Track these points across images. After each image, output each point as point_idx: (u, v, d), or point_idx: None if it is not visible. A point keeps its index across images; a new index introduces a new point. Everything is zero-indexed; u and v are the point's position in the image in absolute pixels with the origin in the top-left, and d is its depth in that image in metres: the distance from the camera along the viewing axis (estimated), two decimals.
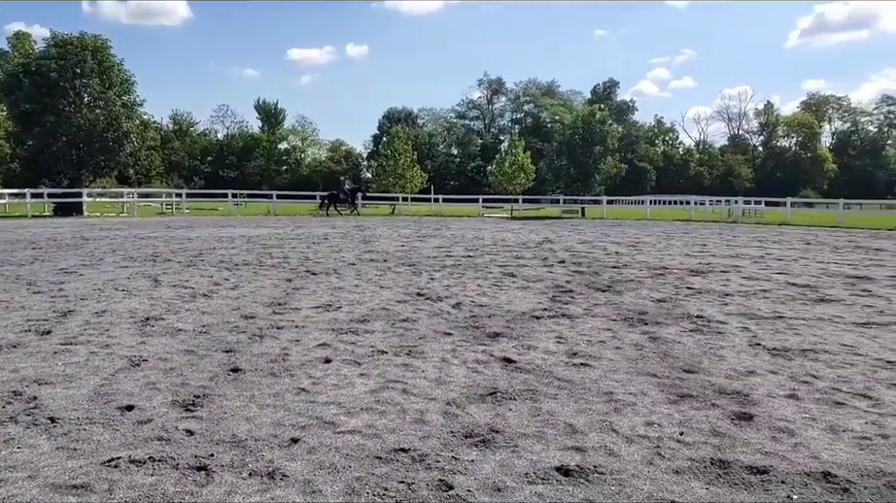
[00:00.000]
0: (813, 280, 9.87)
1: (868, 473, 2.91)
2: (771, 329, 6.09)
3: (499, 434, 3.35)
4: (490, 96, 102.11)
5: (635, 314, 6.78)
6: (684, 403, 3.89)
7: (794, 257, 13.82)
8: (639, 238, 19.70)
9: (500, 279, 9.45)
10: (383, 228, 23.15)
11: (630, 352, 5.16)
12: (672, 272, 10.62)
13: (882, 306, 7.51)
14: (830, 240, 20.77)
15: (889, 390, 4.18)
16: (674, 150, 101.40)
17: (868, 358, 5.03)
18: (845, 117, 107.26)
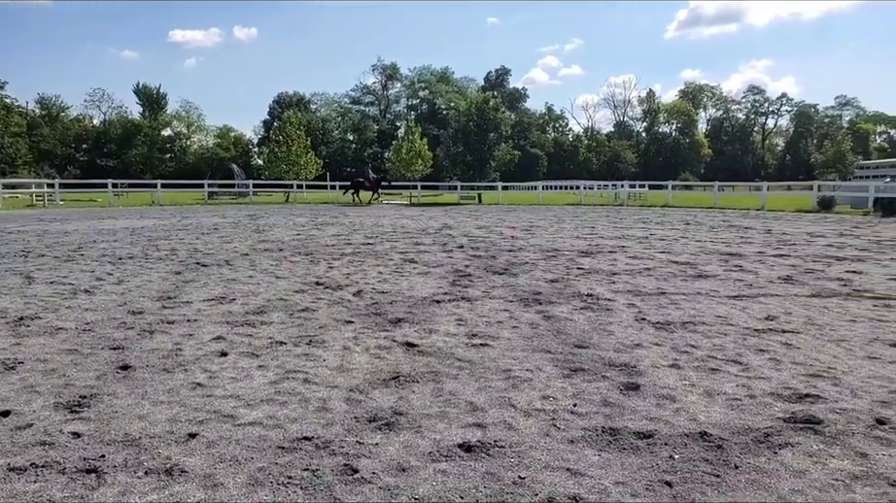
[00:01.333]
0: (692, 257, 10.58)
1: (738, 430, 3.19)
2: (654, 304, 6.50)
3: (403, 416, 3.40)
4: (385, 82, 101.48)
5: (530, 294, 7.02)
6: (577, 376, 4.09)
7: (675, 237, 14.75)
8: (533, 222, 20.34)
9: (401, 265, 9.49)
10: (277, 217, 22.56)
11: (526, 330, 5.36)
12: (564, 254, 11.06)
13: (751, 280, 8.19)
14: (707, 220, 22.29)
15: (756, 356, 4.59)
16: (565, 136, 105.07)
17: (738, 328, 5.48)
18: (718, 105, 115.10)
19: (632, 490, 2.59)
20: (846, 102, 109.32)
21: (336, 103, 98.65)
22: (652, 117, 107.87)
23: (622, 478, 2.70)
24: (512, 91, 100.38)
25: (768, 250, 11.96)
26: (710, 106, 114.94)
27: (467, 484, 2.68)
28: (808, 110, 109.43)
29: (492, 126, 44.87)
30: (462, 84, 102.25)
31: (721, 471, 2.74)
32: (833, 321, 5.72)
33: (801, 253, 11.25)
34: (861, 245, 13.07)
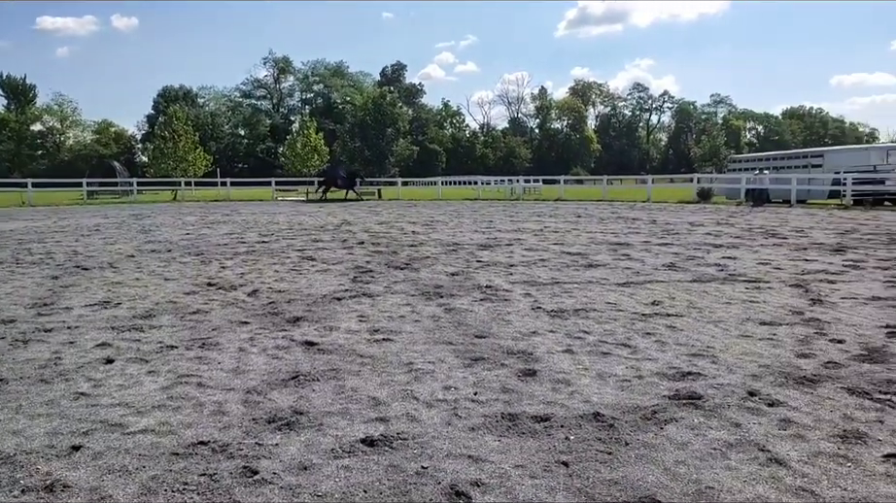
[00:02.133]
0: (584, 248, 11.04)
1: (628, 409, 3.37)
2: (549, 294, 6.73)
3: (304, 415, 3.35)
4: (277, 75, 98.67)
5: (431, 288, 7.08)
6: (477, 366, 4.18)
7: (568, 229, 15.32)
8: (434, 217, 20.50)
9: (299, 263, 9.30)
10: (165, 216, 21.49)
11: (428, 323, 5.40)
12: (464, 247, 11.23)
13: (638, 267, 8.64)
14: (597, 212, 23.28)
15: (644, 339, 4.86)
16: (462, 132, 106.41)
17: (627, 313, 5.78)
18: (606, 102, 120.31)
19: (530, 472, 2.68)
20: (720, 100, 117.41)
21: (226, 97, 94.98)
22: (544, 113, 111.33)
23: (521, 461, 2.79)
24: (409, 87, 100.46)
25: (653, 239, 12.67)
26: (599, 103, 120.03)
27: (371, 477, 2.67)
28: (687, 107, 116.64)
29: (389, 121, 44.79)
30: (357, 79, 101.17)
31: (613, 448, 2.89)
32: (711, 304, 6.14)
33: (683, 242, 12.00)
34: (735, 233, 14.10)
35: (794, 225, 16.28)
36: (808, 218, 19.10)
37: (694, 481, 2.58)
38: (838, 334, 4.92)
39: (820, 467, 2.68)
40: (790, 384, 3.75)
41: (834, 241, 12.02)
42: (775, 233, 13.85)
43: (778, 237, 12.95)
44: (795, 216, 20.62)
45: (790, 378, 3.85)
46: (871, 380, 3.80)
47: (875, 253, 10.00)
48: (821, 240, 12.26)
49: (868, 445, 2.90)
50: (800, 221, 17.76)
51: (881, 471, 2.64)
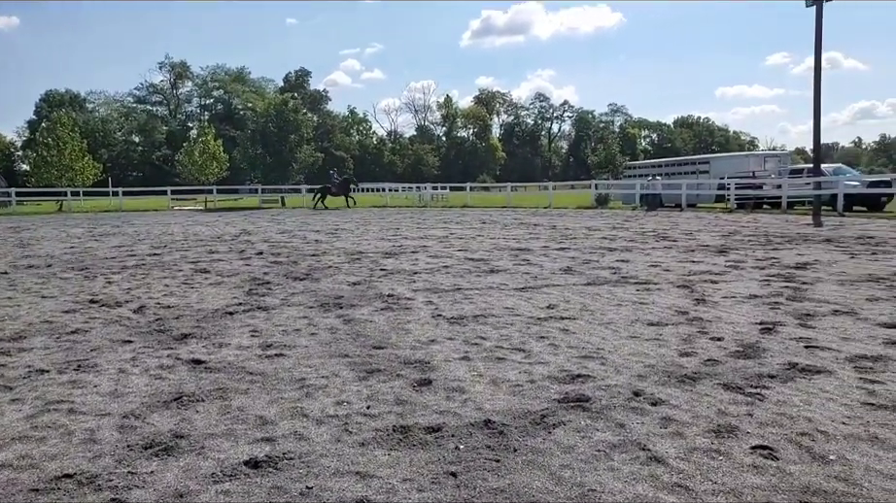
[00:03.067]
0: (486, 254, 11.19)
1: (519, 415, 3.41)
2: (450, 301, 6.75)
3: (184, 439, 3.16)
4: (174, 80, 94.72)
5: (331, 299, 6.94)
6: (373, 378, 4.11)
7: (472, 235, 15.50)
8: (339, 225, 20.22)
9: (192, 276, 8.90)
10: (47, 228, 20.06)
11: (324, 336, 5.28)
12: (368, 256, 11.12)
13: (536, 272, 8.84)
14: (501, 218, 23.73)
15: (538, 342, 4.95)
16: (369, 139, 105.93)
17: (524, 317, 5.88)
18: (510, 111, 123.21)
19: (418, 486, 2.65)
20: (617, 109, 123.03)
21: (118, 102, 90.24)
22: (451, 121, 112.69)
23: (409, 474, 2.74)
24: (314, 93, 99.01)
25: (552, 244, 13.02)
26: (503, 112, 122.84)
27: (252, 500, 2.55)
28: (586, 116, 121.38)
29: (292, 128, 43.74)
30: (259, 85, 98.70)
31: (502, 456, 2.90)
32: (603, 307, 6.35)
33: (580, 246, 12.40)
34: (629, 237, 14.72)
35: (683, 229, 17.19)
36: (696, 222, 20.24)
37: (578, 484, 2.63)
38: (718, 332, 5.20)
39: (695, 462, 2.80)
40: (672, 382, 3.91)
41: (718, 243, 12.78)
42: (666, 236, 14.58)
43: (669, 240, 13.63)
44: (685, 219, 21.79)
45: (672, 376, 4.02)
46: (744, 375, 4.03)
47: (753, 254, 10.70)
48: (707, 242, 13.00)
49: (738, 438, 3.06)
50: (689, 225, 18.78)
51: (749, 462, 2.79)
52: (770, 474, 2.68)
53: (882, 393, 3.64)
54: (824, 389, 3.74)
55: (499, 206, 36.60)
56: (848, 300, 6.46)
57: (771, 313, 5.94)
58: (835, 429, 3.13)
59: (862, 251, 10.79)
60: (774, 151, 44.23)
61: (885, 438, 3.02)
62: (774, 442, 3.00)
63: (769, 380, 3.93)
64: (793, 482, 2.60)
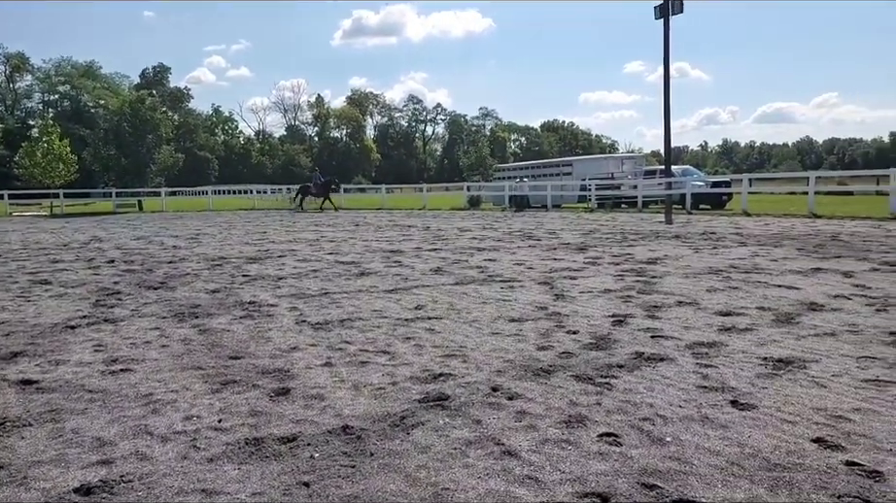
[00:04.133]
0: (358, 256, 11.08)
1: (379, 418, 3.37)
2: (317, 305, 6.60)
3: (3, 470, 2.84)
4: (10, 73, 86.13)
5: (187, 308, 6.57)
6: (227, 390, 3.92)
7: (345, 238, 15.31)
8: (201, 230, 19.26)
9: (29, 288, 8.09)
10: None
11: (177, 348, 4.97)
12: (231, 261, 10.66)
13: (407, 273, 8.86)
14: (375, 220, 23.64)
15: (403, 344, 4.94)
16: (235, 139, 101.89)
17: (391, 319, 5.86)
18: (383, 113, 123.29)
19: (268, 499, 2.54)
20: (488, 113, 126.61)
21: None
22: (323, 122, 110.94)
23: (260, 488, 2.63)
24: (174, 91, 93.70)
25: (425, 245, 13.13)
26: (377, 113, 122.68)
27: None
28: (459, 119, 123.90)
29: (150, 127, 41.07)
30: (113, 81, 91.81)
31: (358, 461, 2.85)
32: (469, 305, 6.47)
33: (451, 247, 12.59)
34: (497, 236, 15.16)
35: (548, 228, 17.96)
36: (560, 221, 21.22)
37: (433, 483, 2.63)
38: (574, 326, 5.44)
39: (545, 454, 2.89)
40: (529, 376, 4.04)
41: (579, 241, 13.46)
42: (531, 236, 15.16)
43: (534, 239, 14.17)
44: (550, 219, 22.79)
45: (529, 370, 4.15)
46: (595, 366, 4.23)
47: (610, 251, 11.36)
48: (569, 240, 13.65)
49: (587, 427, 3.20)
50: (553, 224, 19.66)
51: (595, 450, 2.92)
52: (613, 459, 2.82)
53: (714, 376, 3.96)
54: (665, 376, 4.00)
55: (375, 208, 36.47)
56: (691, 291, 7.00)
57: (623, 305, 6.31)
58: (672, 413, 3.36)
59: (705, 246, 11.77)
60: (630, 154, 47.33)
61: (714, 417, 3.28)
62: (618, 428, 3.17)
63: (617, 369, 4.16)
64: (633, 465, 2.76)
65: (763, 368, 4.12)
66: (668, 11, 20.31)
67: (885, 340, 4.74)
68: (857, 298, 6.39)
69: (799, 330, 5.12)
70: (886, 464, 2.70)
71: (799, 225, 16.82)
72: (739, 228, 16.18)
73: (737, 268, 8.75)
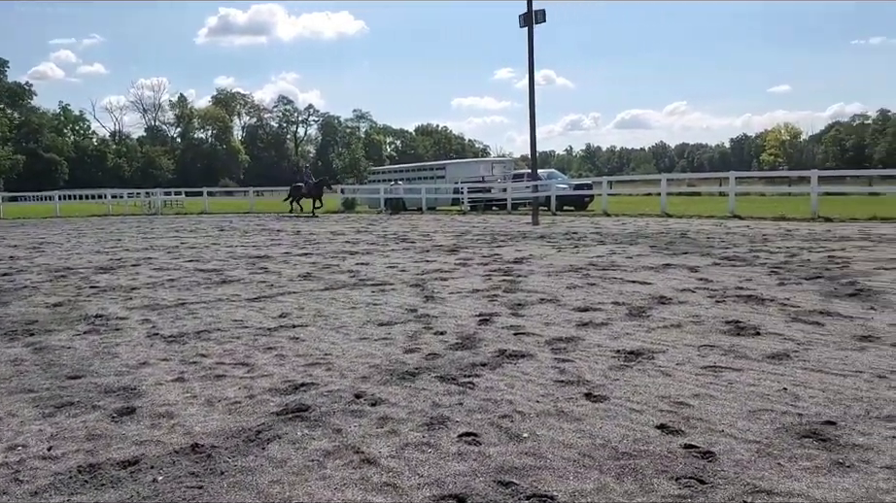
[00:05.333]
0: (221, 264, 10.56)
1: (232, 434, 3.19)
2: (171, 317, 6.19)
3: None
4: None
5: (20, 325, 5.94)
6: (62, 413, 3.55)
7: (207, 244, 14.57)
8: (45, 238, 17.63)
9: None
10: None
11: (4, 370, 4.46)
12: (78, 272, 9.81)
13: (274, 280, 8.56)
14: (242, 225, 22.74)
15: (264, 354, 4.74)
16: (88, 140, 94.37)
17: (252, 329, 5.61)
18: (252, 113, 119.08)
19: None
20: (362, 115, 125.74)
21: None
22: (186, 122, 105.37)
23: None
24: (13, 86, 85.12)
25: (294, 250, 12.78)
26: (245, 114, 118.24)
27: None
28: (332, 120, 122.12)
29: None
30: None
31: (206, 481, 2.67)
32: (338, 311, 6.33)
33: (322, 251, 12.34)
34: (371, 240, 15.05)
35: (422, 230, 18.10)
36: (434, 223, 21.46)
37: (286, 499, 2.51)
38: (441, 327, 5.47)
39: (405, 459, 2.85)
40: (394, 380, 4.00)
41: (451, 243, 13.65)
42: (406, 238, 15.19)
43: (408, 242, 14.21)
44: (424, 222, 22.99)
45: (395, 374, 4.11)
46: (460, 366, 4.27)
47: (480, 252, 11.61)
48: (441, 242, 13.81)
49: (448, 428, 3.20)
50: (427, 226, 19.84)
51: (455, 451, 2.93)
52: (472, 459, 2.84)
53: (571, 370, 4.11)
54: (525, 372, 4.11)
55: (243, 212, 35.09)
56: (553, 289, 7.28)
57: (490, 305, 6.44)
58: (530, 408, 3.44)
59: (567, 246, 12.33)
60: (500, 158, 48.81)
61: (569, 411, 3.39)
62: (479, 427, 3.19)
63: (481, 368, 4.21)
64: (491, 464, 2.78)
65: (616, 360, 4.33)
66: (531, 20, 21.11)
67: (722, 329, 5.16)
68: (700, 291, 6.92)
69: (649, 323, 5.45)
70: (718, 445, 2.91)
71: (653, 224, 18.07)
72: (598, 228, 17.12)
73: (595, 265, 9.22)
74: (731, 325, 5.25)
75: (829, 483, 2.52)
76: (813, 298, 6.36)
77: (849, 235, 13.22)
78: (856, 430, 3.03)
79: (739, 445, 2.90)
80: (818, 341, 4.70)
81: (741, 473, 2.62)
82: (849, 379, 3.81)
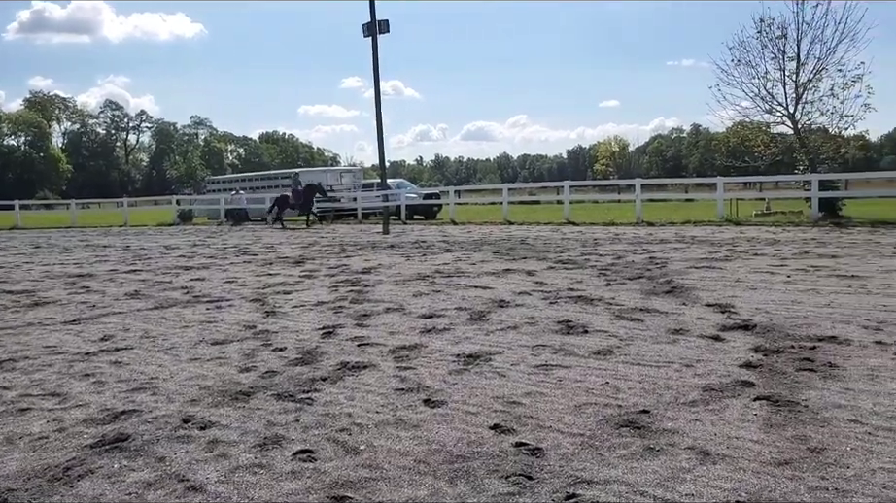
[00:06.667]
0: (34, 284, 9.52)
1: (35, 474, 2.85)
2: None
3: None
4: None
5: None
6: None
7: (18, 263, 13.10)
8: None
9: None
10: None
11: None
12: None
13: (96, 300, 7.84)
14: (62, 241, 20.68)
15: (80, 382, 4.30)
16: None
17: (68, 355, 5.09)
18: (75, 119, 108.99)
19: None
20: (201, 122, 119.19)
21: None
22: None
23: None
24: None
25: (122, 266, 11.83)
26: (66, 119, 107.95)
27: None
28: (167, 127, 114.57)
29: None
30: None
31: None
32: (167, 331, 5.91)
33: (153, 267, 11.52)
34: (210, 253, 14.30)
35: (266, 242, 17.50)
36: (280, 235, 20.84)
37: None
38: (282, 342, 5.29)
39: (235, 482, 2.71)
40: (226, 401, 3.79)
41: (297, 254, 13.31)
42: (248, 251, 14.60)
43: (250, 254, 13.66)
44: (269, 233, 22.26)
45: (228, 395, 3.90)
46: (298, 382, 4.14)
47: (327, 262, 11.43)
48: (287, 254, 13.42)
49: (282, 447, 3.08)
50: (272, 238, 19.22)
51: (288, 470, 2.82)
52: (306, 477, 2.75)
53: (412, 378, 4.14)
54: (367, 383, 4.07)
55: (64, 226, 31.97)
56: (399, 297, 7.31)
57: (334, 317, 6.34)
58: (369, 420, 3.41)
59: (416, 254, 12.48)
60: (350, 167, 48.50)
61: (407, 419, 3.41)
62: (315, 444, 3.11)
63: (321, 382, 4.12)
64: (326, 479, 2.72)
65: (455, 365, 4.42)
66: (375, 30, 21.22)
67: (554, 328, 5.45)
68: (536, 293, 7.28)
69: (488, 326, 5.64)
70: (546, 441, 3.05)
71: (496, 231, 18.83)
72: (446, 236, 17.54)
73: (441, 273, 9.41)
74: (562, 325, 5.56)
75: (641, 467, 2.73)
76: (636, 296, 6.92)
77: (668, 238, 14.59)
78: (666, 416, 3.32)
79: (564, 439, 3.06)
80: (638, 336, 5.11)
81: (566, 466, 2.77)
82: (663, 369, 4.17)
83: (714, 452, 2.86)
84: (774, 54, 20.76)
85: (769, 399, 3.51)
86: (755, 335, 5.01)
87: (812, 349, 4.54)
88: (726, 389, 3.71)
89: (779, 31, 20.60)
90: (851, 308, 5.91)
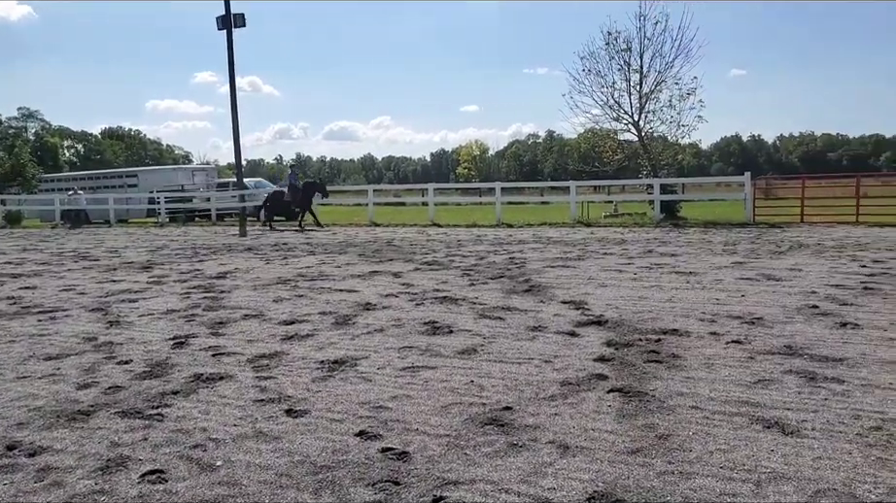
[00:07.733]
0: None
1: None
2: None
3: None
4: None
5: None
6: None
7: None
8: None
9: None
10: None
11: None
12: None
13: None
14: None
15: None
16: None
17: None
18: None
19: None
20: (30, 114, 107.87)
21: None
22: None
23: None
24: None
25: None
26: None
27: None
28: None
29: None
30: None
31: None
32: None
33: None
34: (43, 258, 12.97)
35: (109, 246, 16.17)
36: (124, 238, 19.33)
37: None
38: (127, 355, 4.87)
39: None
40: (61, 423, 3.42)
41: (144, 259, 12.39)
42: (88, 255, 13.40)
43: (90, 259, 12.55)
44: (113, 236, 20.61)
45: (63, 415, 3.52)
46: (146, 397, 3.82)
47: (178, 268, 10.73)
48: (133, 259, 12.46)
49: (129, 468, 2.82)
50: (116, 241, 17.79)
51: (135, 494, 2.58)
52: (156, 499, 2.53)
53: (272, 388, 3.96)
54: (223, 395, 3.84)
55: None
56: (258, 303, 7.00)
57: (186, 326, 5.94)
58: (226, 433, 3.21)
59: (276, 257, 12.04)
60: (203, 166, 46.03)
61: (268, 430, 3.24)
62: (166, 463, 2.87)
63: (172, 396, 3.83)
64: (178, 499, 2.51)
65: (319, 372, 4.29)
66: (230, 23, 20.28)
67: (420, 330, 5.46)
68: (403, 295, 7.27)
69: (354, 330, 5.54)
70: (413, 444, 3.02)
71: (362, 233, 18.64)
72: (309, 238, 17.11)
73: (304, 276, 9.15)
74: (428, 326, 5.58)
75: (505, 464, 2.78)
76: (497, 296, 7.11)
77: (526, 238, 15.19)
78: (528, 412, 3.41)
79: (431, 441, 3.05)
80: (500, 334, 5.25)
81: (433, 468, 2.75)
82: (524, 366, 4.29)
83: (573, 444, 2.97)
84: (620, 66, 22.25)
85: (621, 391, 3.72)
86: (607, 330, 5.31)
87: (658, 341, 4.88)
88: (582, 383, 3.89)
89: (625, 45, 22.09)
90: (690, 302, 6.45)
